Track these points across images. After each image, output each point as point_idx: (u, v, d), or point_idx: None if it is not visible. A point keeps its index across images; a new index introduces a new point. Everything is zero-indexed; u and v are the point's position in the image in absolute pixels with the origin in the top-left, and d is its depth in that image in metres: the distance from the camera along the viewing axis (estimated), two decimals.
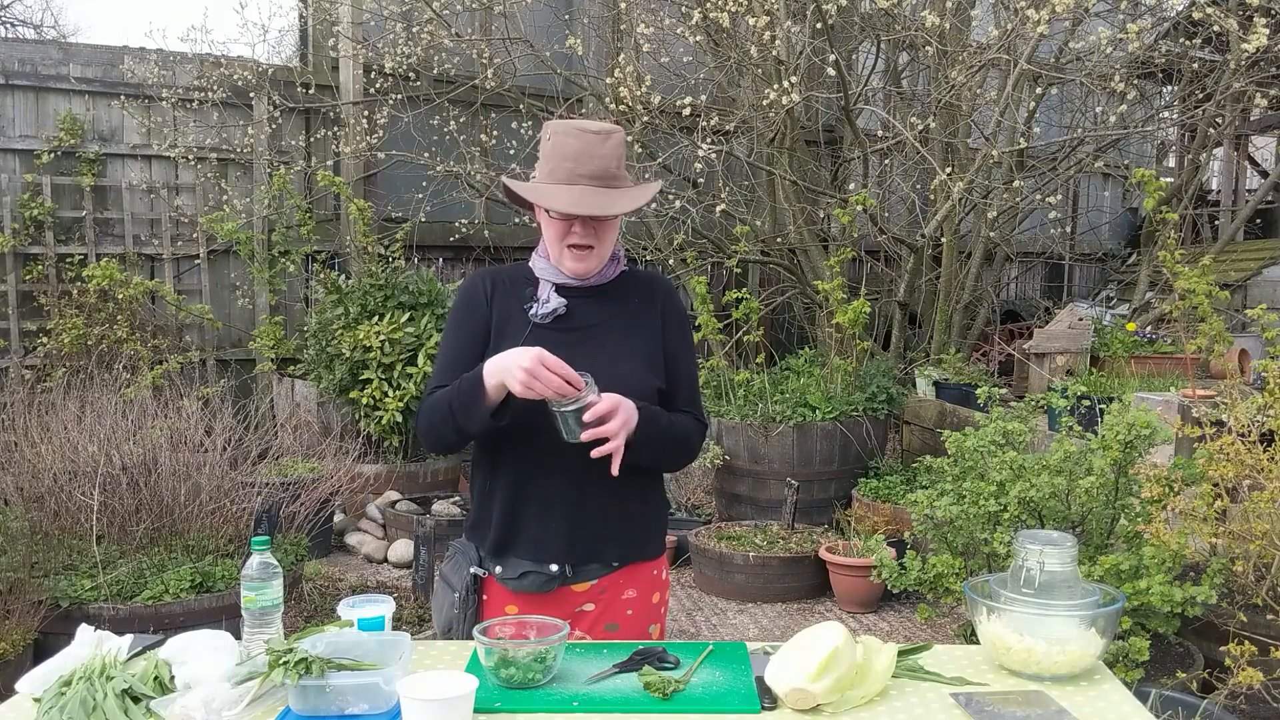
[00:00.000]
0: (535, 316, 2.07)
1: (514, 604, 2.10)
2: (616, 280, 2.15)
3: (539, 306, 2.08)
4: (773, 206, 7.86)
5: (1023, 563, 1.90)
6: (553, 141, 2.02)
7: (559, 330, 2.06)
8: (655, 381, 2.11)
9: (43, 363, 6.72)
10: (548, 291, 2.09)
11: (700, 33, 6.65)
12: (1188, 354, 5.14)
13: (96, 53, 7.25)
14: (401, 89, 7.46)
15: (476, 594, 2.12)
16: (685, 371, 2.20)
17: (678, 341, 2.19)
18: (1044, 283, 11.18)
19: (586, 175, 1.98)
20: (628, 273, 2.19)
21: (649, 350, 2.12)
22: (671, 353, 2.16)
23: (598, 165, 1.98)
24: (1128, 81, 6.68)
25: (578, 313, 2.09)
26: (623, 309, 2.13)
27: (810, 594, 5.21)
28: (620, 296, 2.14)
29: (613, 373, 1.99)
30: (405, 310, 6.28)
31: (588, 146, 1.98)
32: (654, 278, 2.27)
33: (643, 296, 2.16)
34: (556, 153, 2.00)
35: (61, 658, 1.83)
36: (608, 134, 2.01)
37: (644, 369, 2.10)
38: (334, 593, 4.99)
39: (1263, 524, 3.01)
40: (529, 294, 2.10)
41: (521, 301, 2.10)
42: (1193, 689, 3.11)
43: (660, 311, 2.17)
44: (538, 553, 2.07)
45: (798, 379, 6.45)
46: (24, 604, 3.65)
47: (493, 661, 1.78)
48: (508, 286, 2.13)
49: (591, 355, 2.01)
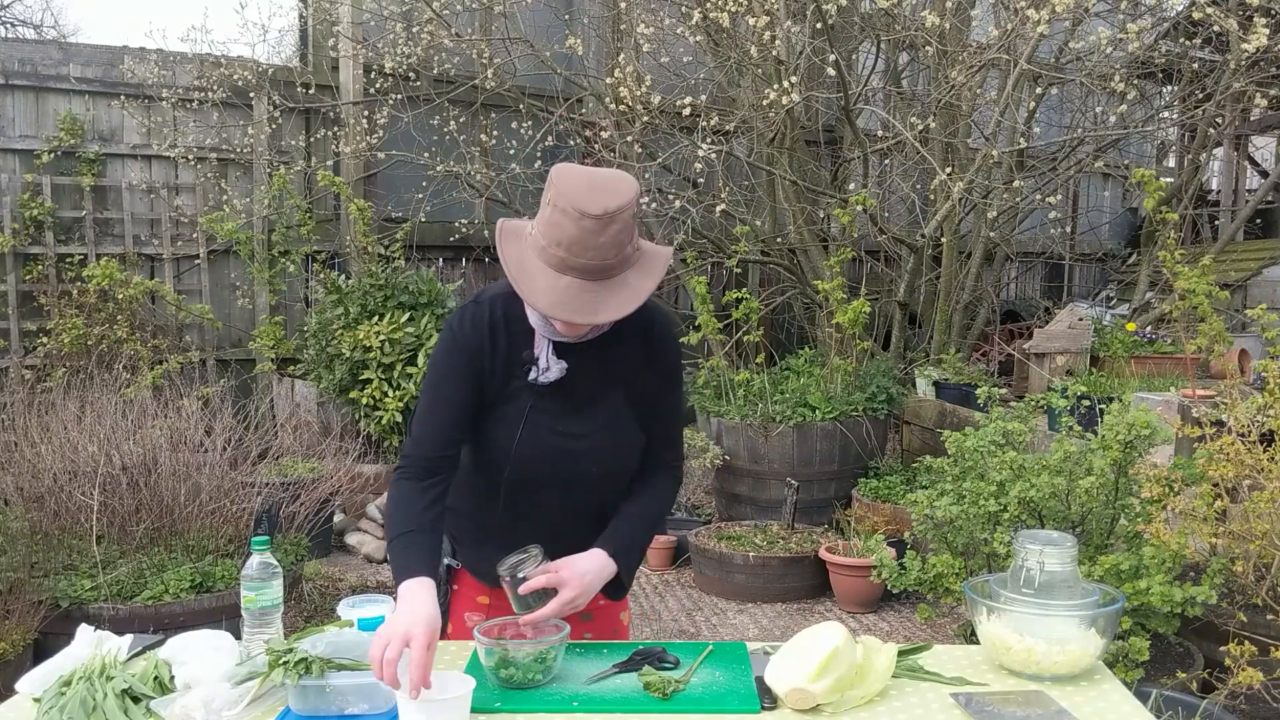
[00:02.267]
0: (535, 382, 1.96)
1: (485, 595, 2.11)
2: (616, 324, 1.95)
3: (539, 373, 1.96)
4: (773, 206, 7.86)
5: (1023, 563, 1.90)
6: (551, 213, 1.78)
7: (560, 399, 1.97)
8: (642, 441, 2.06)
9: (43, 363, 6.72)
10: (545, 354, 1.96)
11: (700, 33, 6.65)
12: (1188, 354, 5.14)
13: (96, 53, 7.25)
14: (401, 89, 7.46)
15: (448, 584, 2.14)
16: (666, 418, 2.10)
17: (663, 390, 2.06)
18: (1044, 283, 11.18)
19: (578, 269, 1.76)
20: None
21: (641, 409, 2.04)
22: (657, 400, 2.06)
23: (592, 257, 1.76)
24: (1128, 81, 6.68)
25: (578, 375, 1.97)
26: (620, 362, 2.01)
27: (810, 594, 5.21)
28: (618, 346, 2.00)
29: (608, 440, 2.00)
30: (405, 310, 6.28)
31: (584, 236, 1.74)
32: (651, 319, 2.03)
33: (638, 343, 2.01)
34: (552, 231, 1.77)
35: (61, 658, 1.83)
36: (610, 218, 1.75)
37: (634, 433, 2.04)
38: (334, 593, 5.00)
39: (1263, 524, 3.01)
40: (526, 356, 1.96)
41: (520, 361, 1.97)
42: (1193, 689, 3.11)
43: (653, 358, 2.04)
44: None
45: (798, 379, 6.45)
46: (24, 604, 3.65)
47: (493, 661, 1.78)
48: (505, 335, 1.97)
49: (591, 421, 1.99)
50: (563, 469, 1.97)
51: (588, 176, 1.81)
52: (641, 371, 2.03)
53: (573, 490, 2.00)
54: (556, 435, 1.97)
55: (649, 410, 2.05)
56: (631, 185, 1.82)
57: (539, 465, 1.96)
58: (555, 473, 1.97)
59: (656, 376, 2.05)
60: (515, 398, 1.96)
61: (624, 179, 1.84)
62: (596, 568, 1.94)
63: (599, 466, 2.00)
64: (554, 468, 1.97)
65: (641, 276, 1.85)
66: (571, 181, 1.79)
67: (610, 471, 2.03)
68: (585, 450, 1.98)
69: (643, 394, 2.04)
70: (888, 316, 7.79)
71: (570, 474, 1.98)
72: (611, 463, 2.02)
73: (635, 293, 1.82)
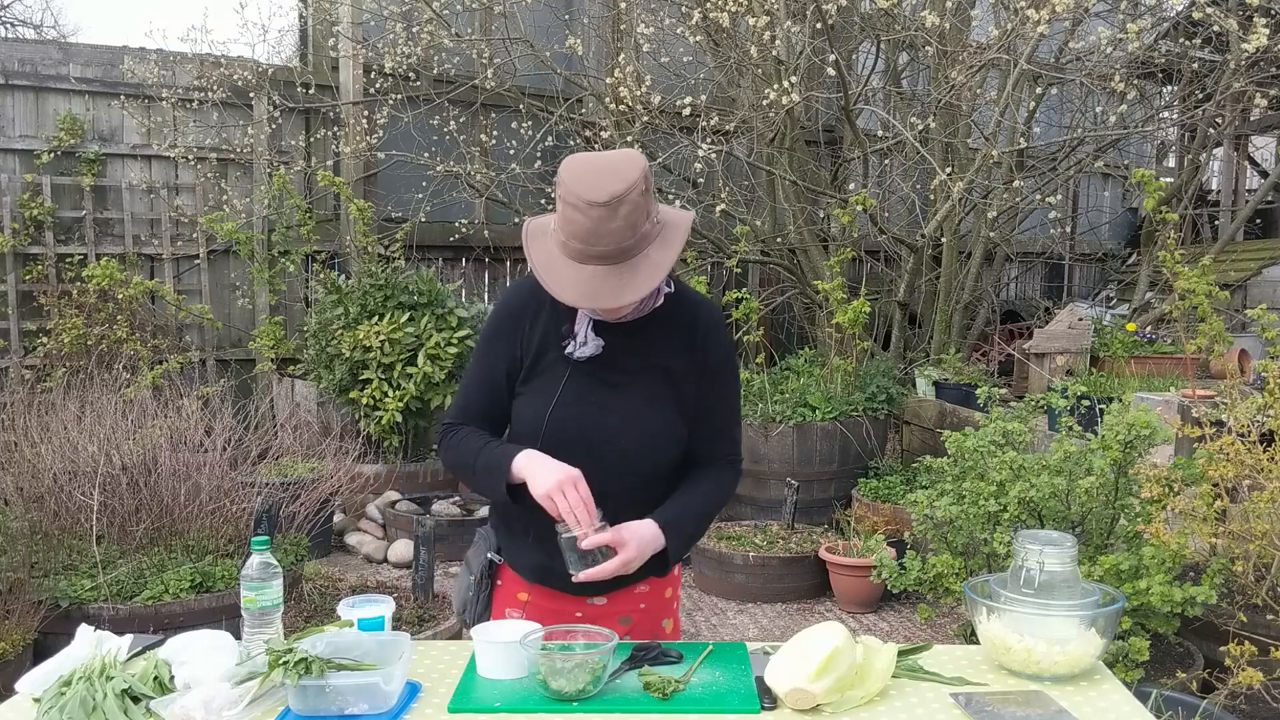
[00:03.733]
0: (572, 356, 1.99)
1: (525, 592, 2.11)
2: (659, 310, 2.02)
3: (575, 347, 1.99)
4: (773, 206, 7.86)
5: (1023, 563, 1.90)
6: (562, 208, 1.82)
7: (595, 375, 1.99)
8: (682, 431, 2.05)
9: (43, 363, 6.72)
10: (585, 330, 1.99)
11: (700, 33, 6.65)
12: (1188, 354, 5.14)
13: (96, 53, 7.25)
14: (401, 89, 7.46)
15: (490, 579, 2.15)
16: (722, 412, 2.11)
17: (717, 382, 2.08)
18: (1044, 283, 11.18)
19: (597, 256, 1.81)
20: (675, 296, 2.05)
21: (682, 393, 2.04)
22: (706, 394, 2.06)
23: (609, 244, 1.80)
24: (1128, 81, 6.67)
25: (616, 355, 2.00)
26: (663, 346, 2.02)
27: (810, 594, 5.21)
28: (660, 330, 2.02)
29: (642, 423, 2.00)
30: (405, 310, 6.28)
31: (596, 225, 1.78)
32: (698, 311, 2.07)
33: (686, 332, 2.04)
34: (567, 226, 1.82)
35: (61, 658, 1.83)
36: (618, 202, 1.78)
37: (673, 415, 2.03)
38: (334, 593, 4.98)
39: (1262, 524, 3.01)
40: (566, 330, 2.00)
41: (560, 335, 2.00)
42: (1193, 689, 3.11)
43: (701, 350, 2.05)
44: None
45: (798, 379, 6.45)
46: (24, 604, 3.65)
47: (541, 672, 1.75)
48: (549, 312, 2.01)
49: (626, 401, 2.00)
50: (595, 442, 1.98)
51: (591, 164, 1.85)
52: (686, 362, 2.04)
53: (604, 467, 1.97)
54: (590, 408, 1.99)
55: (701, 404, 2.07)
56: (636, 164, 1.85)
57: (571, 436, 1.97)
58: (588, 446, 1.97)
59: (707, 372, 2.06)
60: (552, 369, 2.01)
61: (628, 159, 1.86)
62: (651, 535, 1.96)
63: (631, 443, 1.99)
64: (586, 440, 1.97)
65: (663, 249, 1.87)
66: (576, 172, 1.83)
67: (643, 451, 2.01)
68: (617, 426, 1.99)
69: (689, 385, 2.05)
70: (888, 316, 7.79)
71: (602, 449, 1.98)
72: (644, 441, 2.00)
73: (657, 266, 1.85)
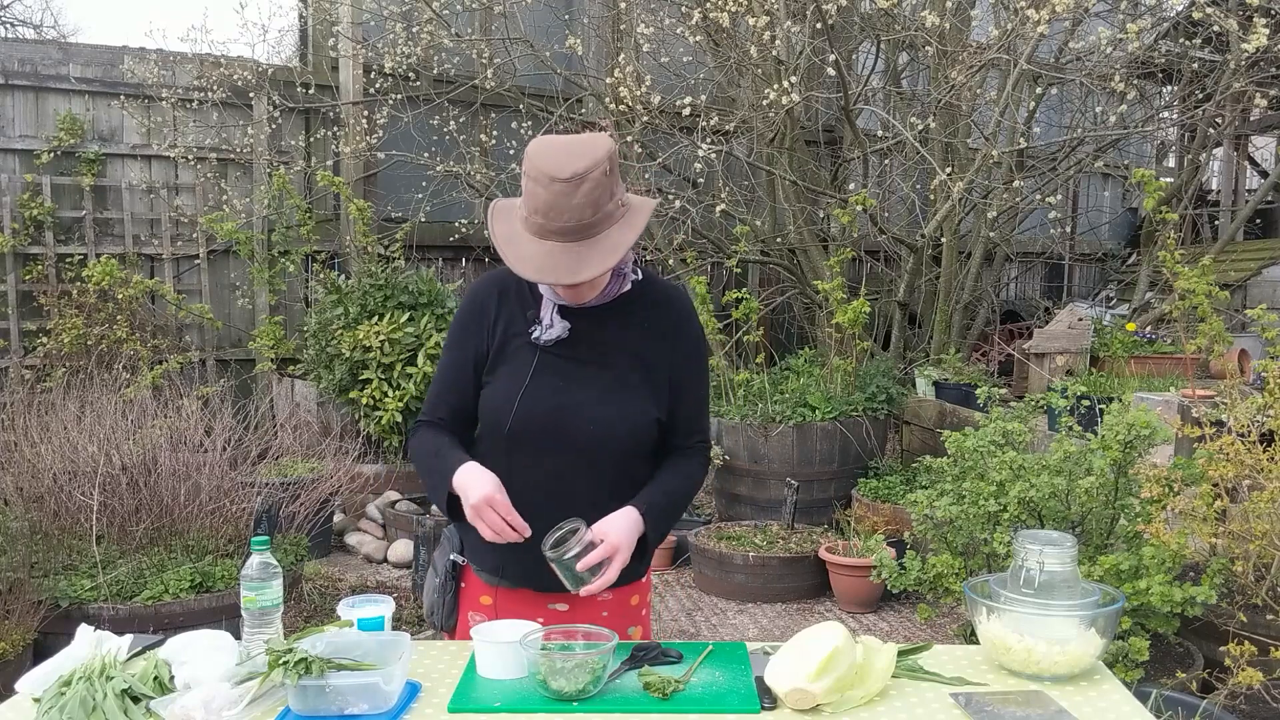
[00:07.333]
0: (539, 341, 2.01)
1: (489, 595, 2.10)
2: (626, 296, 2.04)
3: (541, 331, 2.01)
4: (773, 206, 7.86)
5: (1022, 563, 1.90)
6: (526, 183, 1.87)
7: (562, 357, 2.00)
8: (655, 412, 2.04)
9: (43, 363, 6.72)
10: (550, 314, 2.01)
11: (700, 33, 6.65)
12: (1188, 354, 5.14)
13: (96, 53, 7.25)
14: (401, 89, 7.46)
15: (455, 581, 2.14)
16: (691, 399, 2.11)
17: (687, 369, 2.09)
18: (1044, 283, 11.18)
19: (557, 231, 1.84)
20: (642, 283, 2.07)
21: (655, 379, 2.05)
22: (678, 381, 2.07)
23: (569, 219, 1.83)
24: (1128, 81, 6.67)
25: (583, 336, 2.01)
26: (631, 330, 2.04)
27: (810, 594, 5.21)
28: (629, 315, 2.04)
29: (612, 404, 2.00)
30: (405, 310, 6.28)
31: (556, 199, 1.81)
32: (670, 296, 2.11)
33: (655, 316, 2.06)
34: (529, 200, 1.86)
35: (61, 658, 1.83)
36: (580, 179, 1.81)
37: (645, 399, 2.03)
38: (334, 593, 5.00)
39: (1262, 524, 3.01)
40: (531, 316, 2.03)
41: (526, 322, 2.03)
42: (1193, 689, 3.11)
43: (672, 335, 2.07)
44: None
45: (798, 379, 6.45)
46: (24, 604, 3.65)
47: (541, 672, 1.75)
48: (514, 301, 2.05)
49: (594, 383, 2.00)
50: (564, 425, 1.98)
51: (557, 144, 1.88)
52: (656, 349, 2.05)
53: (574, 451, 1.98)
54: (558, 392, 1.99)
55: (671, 392, 2.07)
56: (601, 146, 1.87)
57: (540, 423, 1.98)
58: (556, 429, 1.98)
59: (678, 358, 2.07)
60: (518, 356, 2.02)
61: (594, 141, 1.89)
62: (631, 524, 1.95)
63: (600, 428, 1.99)
64: (555, 425, 1.98)
65: (624, 230, 1.90)
66: (541, 150, 1.87)
67: (612, 436, 2.00)
68: (586, 409, 1.99)
69: (658, 372, 2.05)
70: (888, 316, 7.79)
71: (571, 433, 1.98)
72: (614, 426, 2.00)
73: (616, 246, 1.87)
